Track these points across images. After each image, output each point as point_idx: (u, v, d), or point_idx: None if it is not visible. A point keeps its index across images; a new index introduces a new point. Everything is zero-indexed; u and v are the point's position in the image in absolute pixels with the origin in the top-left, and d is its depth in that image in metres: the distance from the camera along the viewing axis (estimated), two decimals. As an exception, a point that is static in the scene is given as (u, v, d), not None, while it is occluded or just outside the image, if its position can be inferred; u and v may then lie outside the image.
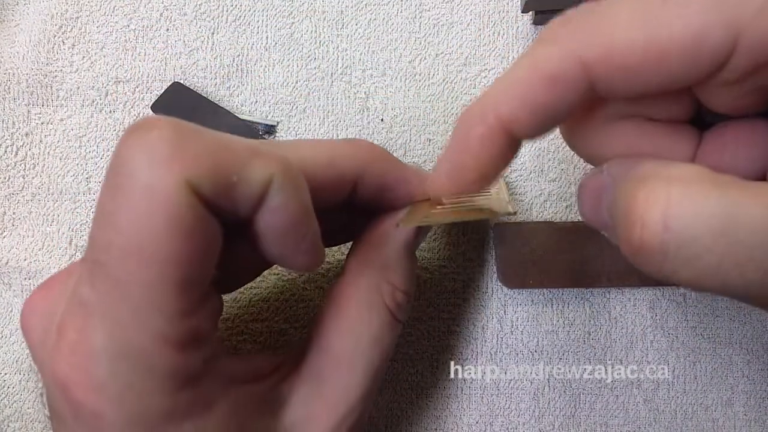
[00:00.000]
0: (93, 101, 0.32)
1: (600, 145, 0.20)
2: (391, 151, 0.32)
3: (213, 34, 0.33)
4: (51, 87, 0.32)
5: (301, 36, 0.33)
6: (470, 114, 0.19)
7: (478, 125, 0.19)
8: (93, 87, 0.32)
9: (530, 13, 0.32)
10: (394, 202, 0.25)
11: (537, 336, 0.31)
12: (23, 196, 0.31)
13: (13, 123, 0.32)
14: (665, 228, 0.15)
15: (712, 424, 0.30)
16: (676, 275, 0.16)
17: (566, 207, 0.31)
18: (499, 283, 0.31)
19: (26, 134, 0.32)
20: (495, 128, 0.18)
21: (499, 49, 0.32)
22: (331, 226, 0.23)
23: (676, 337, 0.31)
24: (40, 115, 0.32)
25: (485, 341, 0.31)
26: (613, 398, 0.30)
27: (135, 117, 0.32)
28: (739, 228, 0.15)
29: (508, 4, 0.33)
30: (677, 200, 0.15)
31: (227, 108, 0.32)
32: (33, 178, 0.31)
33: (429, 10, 0.33)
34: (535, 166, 0.31)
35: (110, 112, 0.32)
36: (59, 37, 0.32)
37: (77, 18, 0.33)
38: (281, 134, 0.32)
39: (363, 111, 0.32)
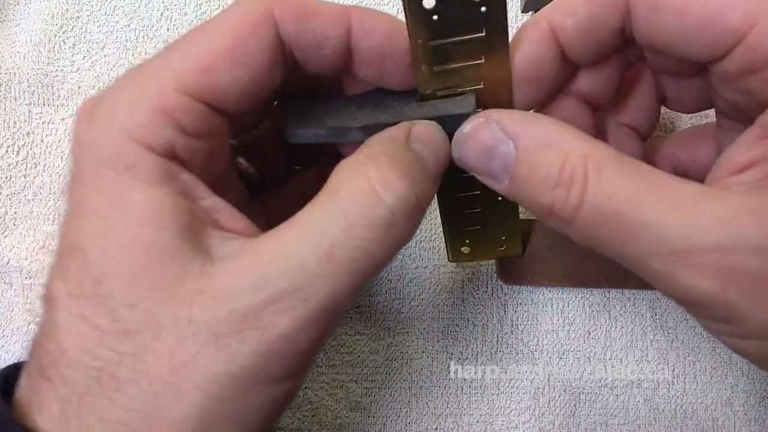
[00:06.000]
0: (94, 101, 0.32)
1: None
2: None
3: (213, 33, 0.33)
4: (52, 86, 0.32)
5: (302, 36, 0.33)
6: (526, 23, 0.22)
7: (531, 27, 0.22)
8: (94, 86, 0.32)
9: (530, 12, 0.32)
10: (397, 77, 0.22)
11: (537, 335, 0.31)
12: (25, 195, 0.31)
13: (15, 122, 0.32)
14: (580, 204, 0.19)
15: (712, 423, 0.30)
16: (570, 235, 0.20)
17: (566, 207, 0.31)
18: (500, 282, 0.31)
19: (27, 134, 0.32)
20: (545, 31, 0.21)
21: (499, 49, 0.32)
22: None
23: (676, 336, 0.31)
24: (42, 115, 0.32)
25: (485, 341, 0.31)
26: (613, 398, 0.30)
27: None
28: (629, 214, 0.18)
29: (508, 4, 0.33)
30: (592, 182, 0.19)
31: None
32: (34, 177, 0.31)
33: (429, 10, 0.33)
34: (536, 166, 0.32)
35: (111, 111, 0.32)
36: (60, 37, 0.32)
37: (78, 18, 0.33)
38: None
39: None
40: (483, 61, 0.21)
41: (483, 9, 0.19)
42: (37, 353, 0.19)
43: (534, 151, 0.20)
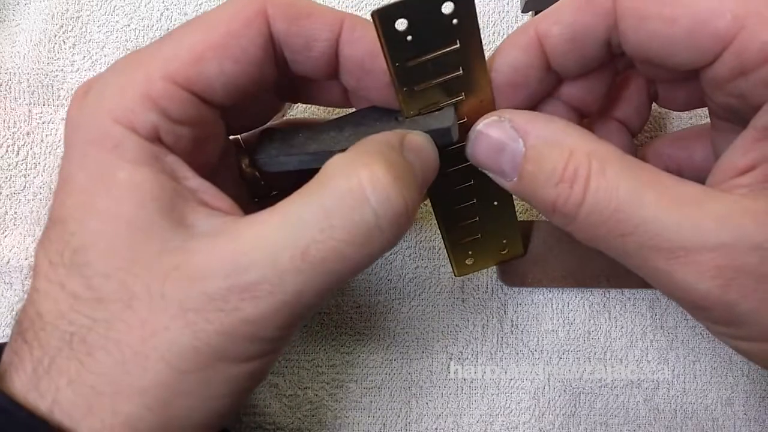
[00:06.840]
0: (94, 101, 0.32)
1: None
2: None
3: (213, 33, 0.33)
4: (52, 86, 0.32)
5: (302, 36, 0.33)
6: (517, 29, 0.22)
7: (519, 33, 0.22)
8: (94, 87, 0.32)
9: (530, 13, 0.32)
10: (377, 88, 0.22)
11: (537, 335, 0.31)
12: (25, 195, 0.31)
13: (15, 122, 0.32)
14: (582, 201, 0.19)
15: (712, 423, 0.30)
16: (574, 232, 0.20)
17: (566, 207, 0.31)
18: (500, 282, 0.31)
19: (27, 134, 0.32)
20: (532, 38, 0.21)
21: (499, 49, 0.32)
22: None
23: (676, 336, 0.31)
24: (42, 115, 0.32)
25: (485, 341, 0.31)
26: (613, 398, 0.30)
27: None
28: (629, 210, 0.19)
29: (508, 4, 0.33)
30: (595, 179, 0.19)
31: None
32: (34, 177, 0.31)
33: (429, 10, 0.33)
34: (536, 166, 0.32)
35: (111, 111, 0.32)
36: (60, 37, 0.32)
37: (78, 17, 0.33)
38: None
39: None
40: (461, 72, 0.21)
41: (455, 21, 0.20)
42: (19, 320, 0.19)
43: (541, 148, 0.20)
